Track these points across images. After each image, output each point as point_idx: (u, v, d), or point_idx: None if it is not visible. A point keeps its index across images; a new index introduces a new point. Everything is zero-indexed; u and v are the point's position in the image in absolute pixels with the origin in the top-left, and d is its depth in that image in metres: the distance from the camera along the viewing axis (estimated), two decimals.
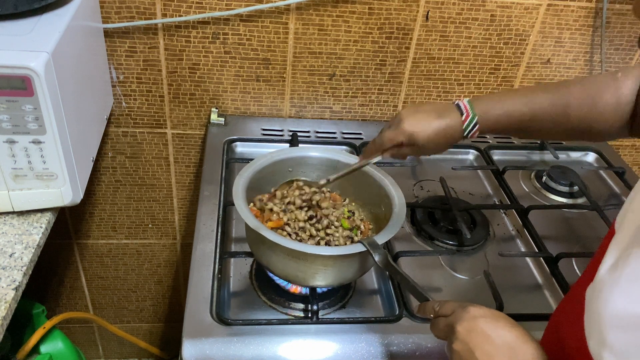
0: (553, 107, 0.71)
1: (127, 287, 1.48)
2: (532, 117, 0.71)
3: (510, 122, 0.72)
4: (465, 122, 0.72)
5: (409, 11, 1.06)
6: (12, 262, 0.72)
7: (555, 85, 0.73)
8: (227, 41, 1.06)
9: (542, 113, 0.71)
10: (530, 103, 0.71)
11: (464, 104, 0.73)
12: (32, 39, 0.71)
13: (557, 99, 0.71)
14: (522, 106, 0.71)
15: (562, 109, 0.70)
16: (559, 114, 0.71)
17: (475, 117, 0.72)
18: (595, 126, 0.70)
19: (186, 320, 0.72)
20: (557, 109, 0.70)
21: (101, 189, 1.26)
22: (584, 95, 0.70)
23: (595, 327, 0.41)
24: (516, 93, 0.73)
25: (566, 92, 0.71)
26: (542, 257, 0.89)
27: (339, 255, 0.69)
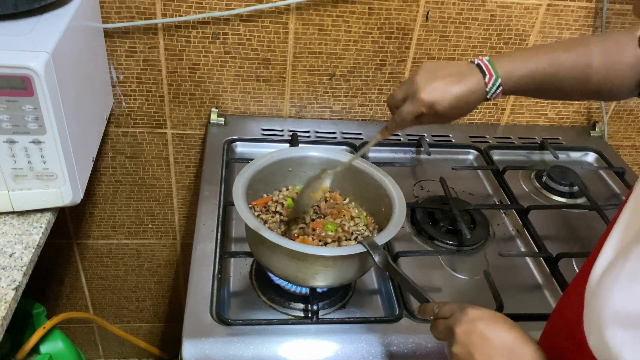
0: (574, 67, 0.68)
1: (127, 287, 1.48)
2: (554, 76, 0.68)
3: (533, 82, 0.69)
4: (489, 84, 0.68)
5: (409, 11, 1.06)
6: (12, 262, 0.72)
7: (576, 44, 0.70)
8: (227, 41, 1.06)
9: (565, 73, 0.68)
10: (554, 63, 0.68)
11: (485, 64, 0.68)
12: (32, 39, 0.71)
13: (579, 59, 0.68)
14: (546, 66, 0.68)
15: (583, 69, 0.68)
16: (580, 73, 0.68)
17: (498, 78, 0.67)
18: (613, 86, 0.69)
19: (186, 320, 0.72)
20: (579, 69, 0.68)
21: (101, 189, 1.26)
22: (604, 56, 0.68)
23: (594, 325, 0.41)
24: (538, 52, 0.69)
25: (587, 52, 0.68)
26: (542, 257, 0.89)
27: (339, 256, 0.69)
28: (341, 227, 0.78)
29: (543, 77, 0.69)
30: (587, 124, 1.28)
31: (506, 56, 0.70)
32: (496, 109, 1.23)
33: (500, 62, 0.68)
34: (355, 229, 0.78)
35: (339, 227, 0.77)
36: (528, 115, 1.25)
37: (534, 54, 0.69)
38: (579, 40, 0.71)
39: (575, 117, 1.26)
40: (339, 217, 0.80)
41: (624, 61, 0.67)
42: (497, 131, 1.23)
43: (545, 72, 0.69)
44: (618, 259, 0.41)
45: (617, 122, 1.29)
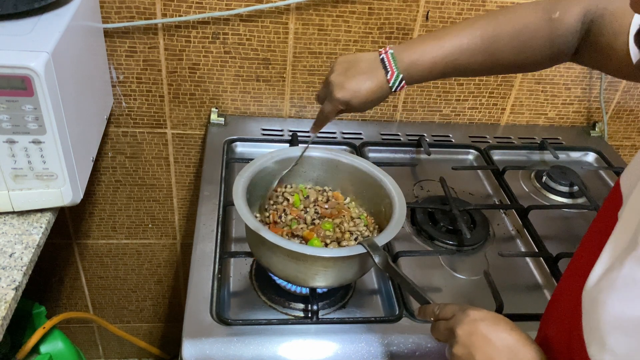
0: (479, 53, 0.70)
1: (127, 287, 1.48)
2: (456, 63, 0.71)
3: (434, 73, 0.72)
4: (392, 80, 0.72)
5: (409, 11, 1.06)
6: (12, 262, 0.72)
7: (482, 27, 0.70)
8: (227, 41, 1.06)
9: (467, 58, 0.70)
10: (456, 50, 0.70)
11: (389, 60, 0.72)
12: (32, 39, 0.71)
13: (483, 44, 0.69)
14: (448, 54, 0.70)
15: (489, 55, 0.70)
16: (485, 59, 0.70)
17: (400, 75, 0.71)
18: (522, 65, 0.71)
19: (186, 320, 0.72)
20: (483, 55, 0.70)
21: (101, 189, 1.26)
22: (512, 41, 0.68)
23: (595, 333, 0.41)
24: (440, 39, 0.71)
25: (493, 37, 0.69)
26: (542, 257, 0.89)
27: (339, 257, 0.69)
28: (339, 227, 0.78)
29: (444, 66, 0.71)
30: (587, 124, 1.28)
31: (409, 46, 0.72)
32: (496, 109, 1.23)
33: (403, 55, 0.71)
34: (355, 229, 0.78)
35: (337, 227, 0.77)
36: (528, 115, 1.25)
37: (435, 42, 0.71)
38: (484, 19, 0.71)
39: (575, 117, 1.26)
40: (339, 217, 0.80)
41: (535, 44, 0.68)
42: (497, 131, 1.23)
43: (446, 62, 0.71)
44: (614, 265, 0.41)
45: (617, 122, 1.29)
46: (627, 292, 0.39)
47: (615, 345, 0.39)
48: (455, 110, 1.22)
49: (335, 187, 0.86)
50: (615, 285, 0.40)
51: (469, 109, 1.22)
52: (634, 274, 0.39)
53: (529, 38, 0.68)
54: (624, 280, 0.39)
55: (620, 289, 0.39)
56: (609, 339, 0.39)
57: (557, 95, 1.22)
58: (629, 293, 0.39)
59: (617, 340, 0.39)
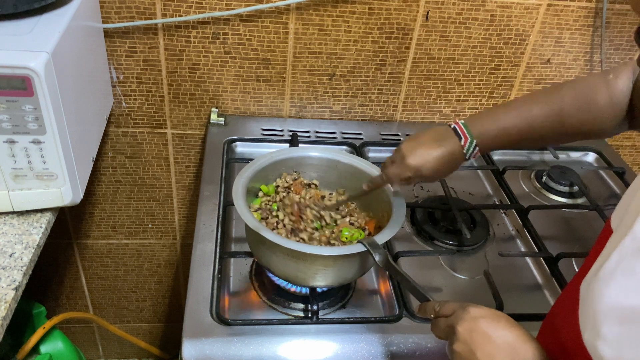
0: (548, 117, 0.71)
1: (127, 287, 1.48)
2: (528, 129, 0.72)
3: (508, 139, 0.73)
4: (465, 147, 0.73)
5: (409, 11, 1.06)
6: (12, 262, 0.72)
7: (547, 94, 0.73)
8: (227, 41, 1.06)
9: (538, 124, 0.72)
10: (525, 116, 0.72)
11: (461, 128, 0.73)
12: (32, 39, 0.71)
13: (551, 109, 0.71)
14: (518, 121, 0.72)
15: (557, 117, 0.71)
16: (554, 122, 0.71)
17: (473, 140, 0.73)
18: (591, 128, 0.71)
19: (186, 320, 0.72)
20: (552, 118, 0.71)
21: (101, 189, 1.26)
22: (576, 101, 0.71)
23: (589, 320, 0.42)
24: (509, 108, 0.74)
25: (559, 100, 0.71)
26: (542, 257, 0.89)
27: (339, 255, 0.69)
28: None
29: (517, 132, 0.73)
30: None
31: (481, 116, 0.75)
32: None
33: (475, 124, 0.73)
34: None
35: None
36: None
37: (506, 110, 0.74)
38: (552, 89, 0.74)
39: None
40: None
41: (598, 106, 0.70)
42: None
43: (518, 128, 0.72)
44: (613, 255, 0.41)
45: None
46: (625, 283, 0.39)
47: (608, 333, 0.39)
48: (455, 110, 1.22)
49: (335, 187, 0.86)
50: (614, 276, 0.40)
51: (469, 109, 1.22)
52: (633, 265, 0.39)
53: (591, 101, 0.70)
54: (622, 271, 0.40)
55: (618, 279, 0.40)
56: (603, 327, 0.40)
57: None
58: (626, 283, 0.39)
59: (610, 329, 0.39)
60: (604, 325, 0.40)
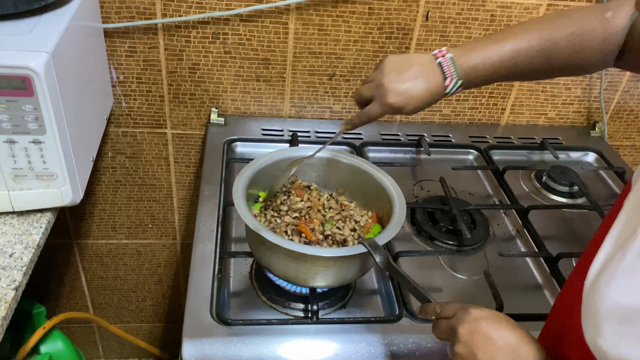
0: (537, 53, 0.69)
1: (127, 287, 1.48)
2: (516, 64, 0.69)
3: (494, 76, 0.70)
4: (450, 86, 0.70)
5: (409, 11, 1.06)
6: (12, 262, 0.72)
7: (542, 27, 0.70)
8: (227, 41, 1.06)
9: (528, 60, 0.69)
10: (516, 50, 0.69)
11: (447, 65, 0.69)
12: (32, 39, 0.71)
13: (543, 45, 0.69)
14: (509, 56, 0.69)
15: (547, 54, 0.69)
16: (543, 58, 0.69)
17: (459, 81, 0.70)
18: (578, 65, 0.70)
19: (186, 320, 0.72)
20: (542, 55, 0.69)
21: (101, 189, 1.26)
22: (569, 41, 0.68)
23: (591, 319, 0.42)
24: (500, 40, 0.70)
25: (551, 37, 0.68)
26: (542, 257, 0.89)
27: (340, 256, 0.69)
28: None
29: (505, 69, 0.70)
30: (587, 124, 1.28)
31: (470, 51, 0.70)
32: (496, 109, 1.23)
33: (463, 60, 0.69)
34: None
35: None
36: (528, 115, 1.25)
37: (494, 43, 0.70)
38: (544, 21, 0.71)
39: (575, 117, 1.26)
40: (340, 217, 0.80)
41: (591, 43, 0.67)
42: (497, 131, 1.23)
43: (507, 65, 0.69)
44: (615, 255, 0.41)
45: (617, 122, 1.29)
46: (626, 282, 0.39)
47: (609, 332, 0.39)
48: (455, 110, 1.22)
49: (332, 187, 0.86)
50: (615, 275, 0.40)
51: (469, 109, 1.22)
52: (635, 265, 0.39)
53: (585, 40, 0.68)
54: (624, 271, 0.40)
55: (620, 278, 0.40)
56: (604, 326, 0.40)
57: (557, 95, 1.22)
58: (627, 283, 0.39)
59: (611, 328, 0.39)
60: (605, 325, 0.40)
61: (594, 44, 0.68)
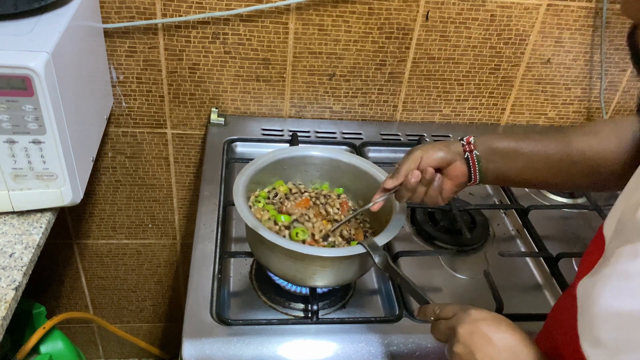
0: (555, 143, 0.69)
1: (127, 287, 1.48)
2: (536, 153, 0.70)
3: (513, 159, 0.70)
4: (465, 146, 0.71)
5: (409, 11, 1.06)
6: (12, 262, 0.72)
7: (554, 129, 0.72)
8: (227, 41, 1.06)
9: (546, 150, 0.70)
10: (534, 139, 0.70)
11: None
12: (32, 39, 0.71)
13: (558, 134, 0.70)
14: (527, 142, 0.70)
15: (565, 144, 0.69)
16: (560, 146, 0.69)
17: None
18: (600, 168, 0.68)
19: (186, 320, 0.72)
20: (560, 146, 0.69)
21: (101, 189, 1.26)
22: (582, 130, 0.69)
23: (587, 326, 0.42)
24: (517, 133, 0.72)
25: (566, 131, 0.70)
26: (542, 257, 0.89)
27: (337, 256, 0.68)
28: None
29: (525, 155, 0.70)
30: None
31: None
32: (496, 109, 1.23)
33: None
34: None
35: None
36: (528, 115, 1.25)
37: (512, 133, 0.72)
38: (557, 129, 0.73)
39: (575, 117, 1.26)
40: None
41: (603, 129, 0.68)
42: (497, 131, 1.22)
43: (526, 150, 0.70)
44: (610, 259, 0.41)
45: None
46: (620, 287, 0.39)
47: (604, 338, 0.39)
48: (455, 110, 1.22)
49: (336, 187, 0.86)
50: (610, 280, 0.40)
51: (469, 109, 1.22)
52: (628, 269, 0.39)
53: (595, 128, 0.69)
54: (618, 275, 0.40)
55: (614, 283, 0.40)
56: (599, 332, 0.40)
57: (557, 95, 1.22)
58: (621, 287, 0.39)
59: (607, 334, 0.39)
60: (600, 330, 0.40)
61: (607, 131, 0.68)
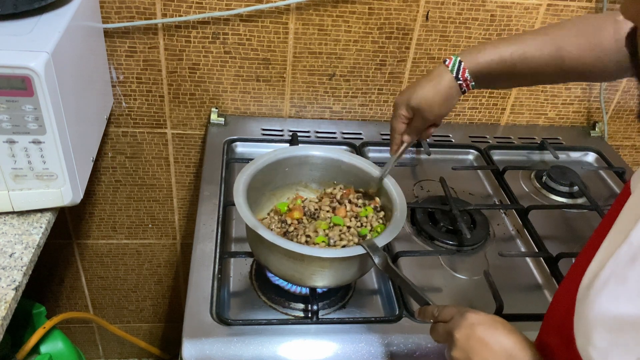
0: (545, 50, 0.69)
1: (127, 287, 1.48)
2: (524, 60, 0.70)
3: (502, 68, 0.71)
4: (449, 66, 0.71)
5: (409, 11, 1.06)
6: (12, 262, 0.72)
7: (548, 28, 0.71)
8: (227, 41, 1.06)
9: (535, 56, 0.69)
10: (521, 46, 0.70)
11: (450, 58, 0.72)
12: (32, 39, 0.71)
13: (550, 42, 0.69)
14: (514, 49, 0.70)
15: (556, 52, 0.69)
16: (552, 56, 0.69)
17: (457, 58, 0.71)
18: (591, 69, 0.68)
19: (186, 320, 0.72)
20: (550, 52, 0.69)
21: (101, 189, 1.26)
22: (578, 38, 0.68)
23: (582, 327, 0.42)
24: (506, 39, 0.72)
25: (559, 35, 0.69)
26: (542, 257, 0.89)
27: (336, 257, 0.68)
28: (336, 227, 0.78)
29: (512, 61, 0.70)
30: (587, 124, 1.28)
31: (474, 47, 0.73)
32: (496, 109, 1.23)
33: (467, 52, 0.72)
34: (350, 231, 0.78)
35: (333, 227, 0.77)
36: (528, 115, 1.25)
37: (500, 41, 0.72)
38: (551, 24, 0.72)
39: (575, 117, 1.26)
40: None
41: (602, 45, 0.67)
42: (497, 131, 1.23)
43: (513, 58, 0.70)
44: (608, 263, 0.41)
45: (617, 122, 1.29)
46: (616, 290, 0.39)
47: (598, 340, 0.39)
48: (455, 110, 1.22)
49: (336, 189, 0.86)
50: (606, 283, 0.40)
51: (469, 109, 1.22)
52: (625, 273, 0.39)
53: (594, 37, 0.68)
54: (615, 279, 0.40)
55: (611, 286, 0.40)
56: (594, 334, 0.40)
57: (557, 95, 1.22)
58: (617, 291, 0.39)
59: (601, 335, 0.39)
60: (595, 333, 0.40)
61: (605, 46, 0.67)
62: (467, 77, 0.72)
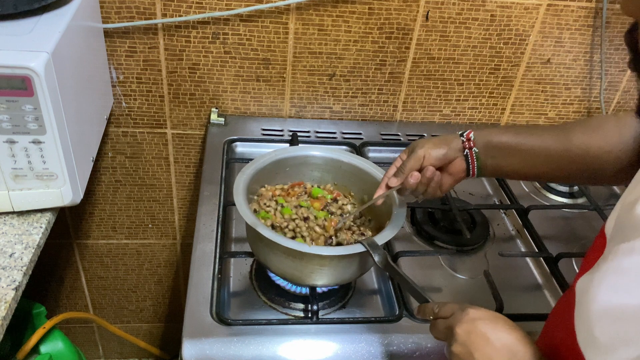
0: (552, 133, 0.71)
1: (127, 287, 1.48)
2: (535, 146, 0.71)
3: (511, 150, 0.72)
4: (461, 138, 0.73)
5: (409, 11, 1.06)
6: (12, 262, 0.72)
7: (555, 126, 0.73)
8: (227, 41, 1.06)
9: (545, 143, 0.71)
10: (533, 132, 0.72)
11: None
12: (32, 39, 0.71)
13: (558, 129, 0.71)
14: (526, 135, 0.72)
15: (564, 137, 0.70)
16: (560, 137, 0.70)
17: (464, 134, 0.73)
18: (597, 153, 0.68)
19: (186, 320, 0.72)
20: (559, 135, 0.70)
21: (101, 189, 1.26)
22: (583, 125, 0.70)
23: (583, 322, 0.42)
24: (516, 126, 0.74)
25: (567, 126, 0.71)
26: (542, 257, 0.89)
27: (336, 255, 0.68)
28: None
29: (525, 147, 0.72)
30: None
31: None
32: (496, 109, 1.23)
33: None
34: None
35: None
36: (528, 115, 1.25)
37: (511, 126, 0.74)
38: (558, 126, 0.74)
39: (575, 117, 1.26)
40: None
41: (604, 125, 0.69)
42: None
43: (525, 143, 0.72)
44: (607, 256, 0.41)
45: None
46: (615, 281, 0.40)
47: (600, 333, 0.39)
48: (455, 110, 1.22)
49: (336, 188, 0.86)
50: (606, 276, 0.40)
51: (469, 109, 1.22)
52: (623, 264, 0.39)
53: (598, 122, 0.70)
54: (614, 270, 0.40)
55: (610, 278, 0.40)
56: (595, 327, 0.40)
57: (557, 95, 1.22)
58: (616, 282, 0.39)
59: (602, 328, 0.39)
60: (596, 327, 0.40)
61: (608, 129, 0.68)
62: (471, 137, 0.73)
